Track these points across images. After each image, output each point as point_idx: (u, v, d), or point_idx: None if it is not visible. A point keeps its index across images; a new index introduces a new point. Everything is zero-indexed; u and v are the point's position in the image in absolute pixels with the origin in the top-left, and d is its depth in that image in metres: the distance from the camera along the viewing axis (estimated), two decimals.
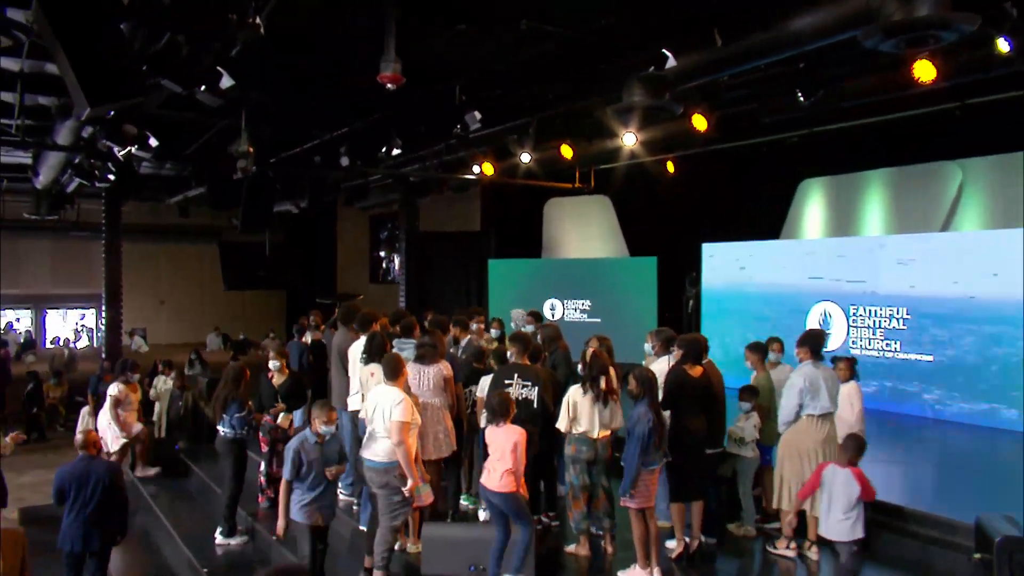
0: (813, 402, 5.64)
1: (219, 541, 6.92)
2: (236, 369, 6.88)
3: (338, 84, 8.47)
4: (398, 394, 5.26)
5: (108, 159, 10.19)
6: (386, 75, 5.38)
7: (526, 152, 10.72)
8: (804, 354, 5.79)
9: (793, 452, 5.68)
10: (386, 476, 5.24)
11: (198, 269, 22.69)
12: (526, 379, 5.84)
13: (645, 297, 13.56)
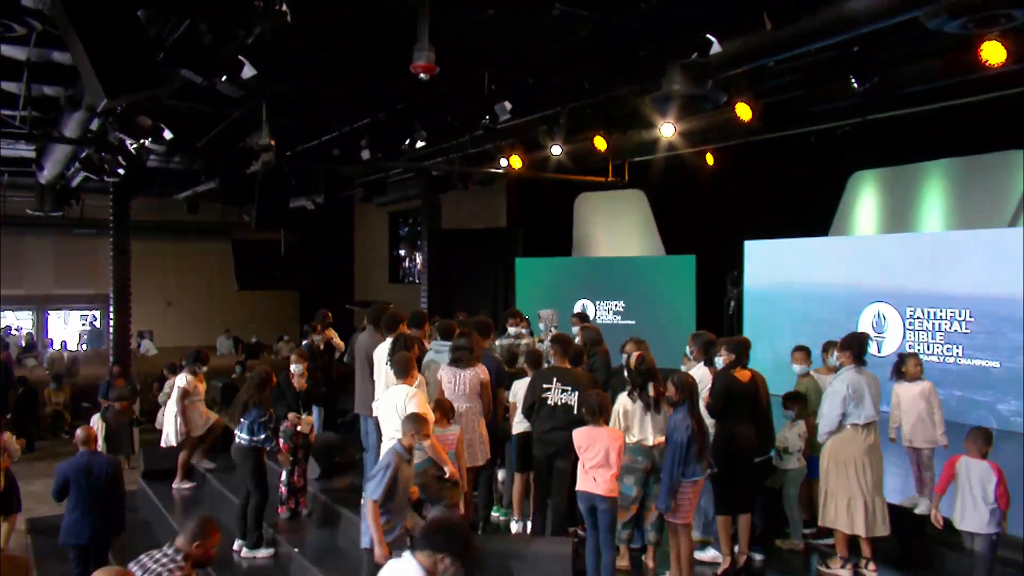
0: (857, 410, 5.63)
1: (244, 554, 7.01)
2: (262, 373, 6.96)
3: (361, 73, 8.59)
4: (408, 389, 5.40)
5: (119, 152, 10.40)
6: (420, 64, 5.46)
7: (557, 144, 10.77)
8: (846, 358, 5.80)
9: (839, 464, 5.68)
10: (419, 478, 5.32)
11: (207, 268, 23.01)
12: (566, 383, 5.89)
13: (683, 298, 13.55)
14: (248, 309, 22.88)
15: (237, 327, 21.83)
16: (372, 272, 21.54)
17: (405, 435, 4.96)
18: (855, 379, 5.68)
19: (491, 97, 8.60)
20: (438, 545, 3.15)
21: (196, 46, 5.59)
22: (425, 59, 5.43)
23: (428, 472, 5.34)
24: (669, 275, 13.79)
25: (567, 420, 5.77)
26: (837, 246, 11.60)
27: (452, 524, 3.45)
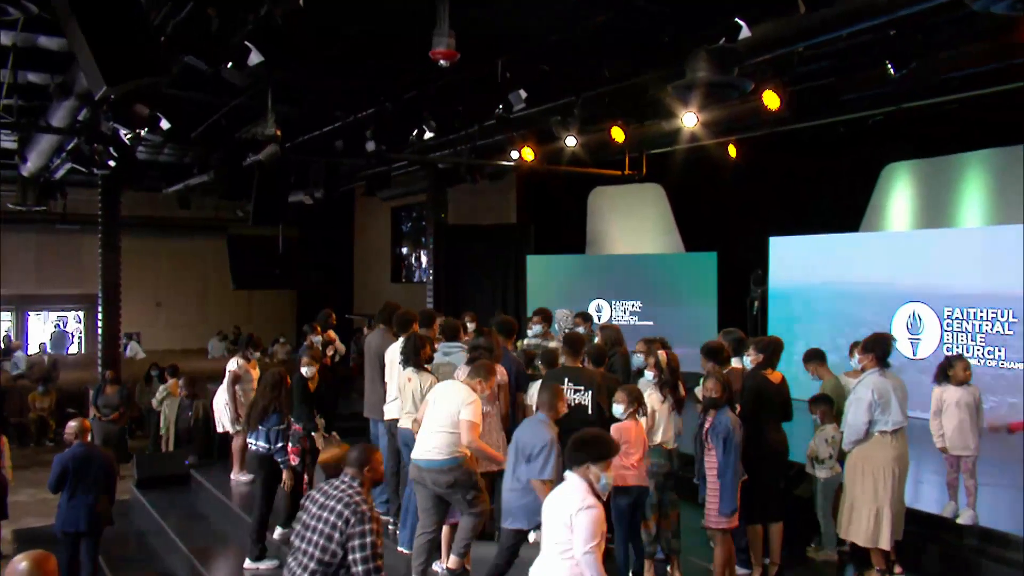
0: (884, 416, 5.67)
1: (247, 565, 7.08)
2: (276, 375, 6.98)
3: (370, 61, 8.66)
4: (470, 393, 5.47)
5: (112, 143, 10.50)
6: (439, 51, 5.53)
7: (571, 135, 10.83)
8: (870, 361, 5.83)
9: (867, 473, 5.72)
10: (451, 474, 5.41)
11: (200, 267, 23.11)
12: (578, 383, 5.96)
13: (703, 297, 13.60)
14: (243, 309, 22.96)
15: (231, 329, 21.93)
16: (373, 271, 21.61)
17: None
18: (880, 383, 5.71)
19: (505, 86, 8.66)
20: (581, 458, 3.84)
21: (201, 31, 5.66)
22: (445, 45, 5.50)
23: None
24: (689, 273, 13.84)
25: (580, 420, 5.82)
26: (869, 243, 11.64)
27: (589, 435, 4.05)
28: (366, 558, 3.81)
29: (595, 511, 3.69)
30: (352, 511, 3.87)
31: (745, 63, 7.23)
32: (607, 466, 3.88)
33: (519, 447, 5.17)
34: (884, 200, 12.31)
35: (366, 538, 3.82)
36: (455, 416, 5.39)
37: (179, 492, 9.89)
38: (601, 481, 3.89)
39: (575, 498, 3.74)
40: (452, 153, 13.09)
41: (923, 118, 9.95)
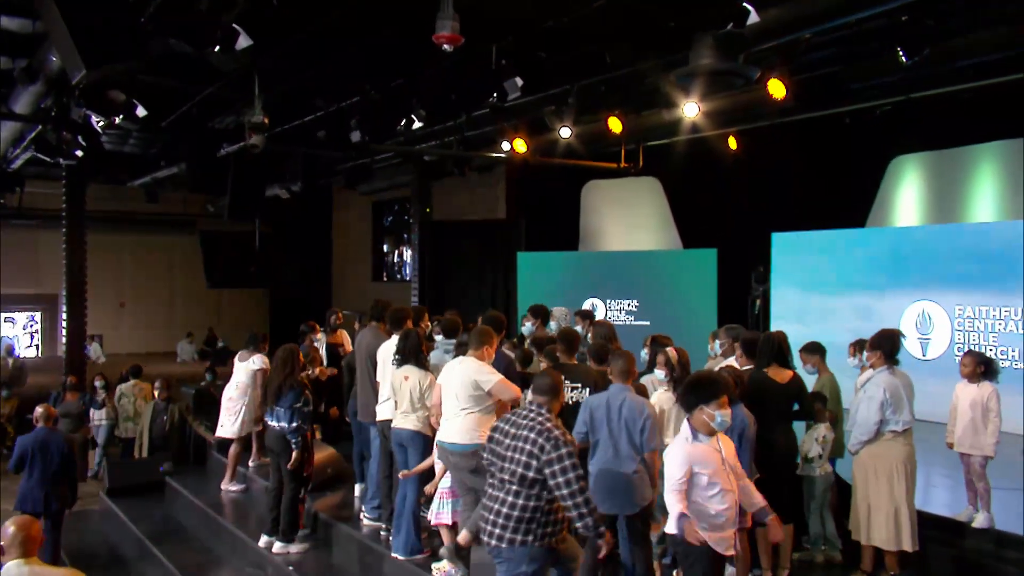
0: (895, 415, 5.79)
1: (277, 548, 7.25)
2: (288, 351, 7.20)
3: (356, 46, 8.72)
4: (480, 364, 5.69)
5: (81, 131, 10.49)
6: (443, 35, 5.61)
7: (566, 126, 10.93)
8: (878, 359, 5.95)
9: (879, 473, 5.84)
10: (475, 459, 5.49)
11: (166, 265, 23.06)
12: (575, 381, 6.08)
13: (703, 296, 13.68)
14: (212, 310, 22.95)
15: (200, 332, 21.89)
16: (353, 268, 21.64)
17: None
18: (891, 382, 5.83)
19: (500, 73, 8.74)
20: (692, 402, 4.41)
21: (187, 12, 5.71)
22: (449, 29, 5.59)
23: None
24: (687, 271, 13.93)
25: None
26: (876, 238, 11.80)
27: (694, 378, 4.64)
28: (568, 481, 4.22)
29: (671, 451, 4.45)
30: (545, 438, 4.28)
31: (752, 50, 7.38)
32: (720, 404, 4.32)
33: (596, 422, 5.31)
34: (892, 194, 12.50)
35: (565, 462, 4.23)
36: (471, 391, 5.58)
37: (154, 500, 9.91)
38: (716, 419, 4.31)
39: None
40: (439, 145, 13.17)
41: (933, 108, 10.11)
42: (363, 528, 7.27)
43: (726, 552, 4.59)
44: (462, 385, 5.64)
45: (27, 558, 4.10)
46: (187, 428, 10.89)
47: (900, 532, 5.77)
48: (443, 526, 6.17)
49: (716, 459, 4.50)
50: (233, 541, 7.96)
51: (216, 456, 10.35)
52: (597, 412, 5.36)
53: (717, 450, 4.52)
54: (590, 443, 5.42)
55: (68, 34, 6.09)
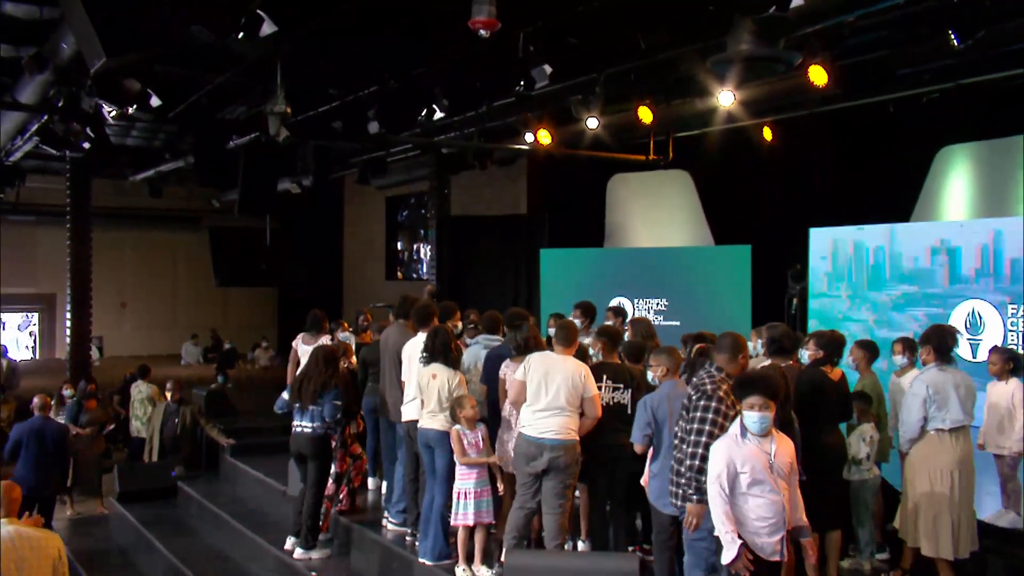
0: (940, 413, 5.84)
1: (298, 555, 7.41)
2: (327, 350, 7.44)
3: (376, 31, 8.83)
4: (581, 366, 5.88)
5: (90, 122, 10.66)
6: (480, 20, 5.72)
7: (593, 116, 11.02)
8: (928, 355, 6.02)
9: (922, 475, 5.90)
10: (568, 455, 5.77)
11: (170, 263, 23.28)
12: (617, 381, 6.17)
13: (736, 295, 13.73)
14: (218, 310, 23.14)
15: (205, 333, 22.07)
16: (365, 266, 21.78)
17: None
18: (937, 378, 5.89)
19: (527, 60, 8.84)
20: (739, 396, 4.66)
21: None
22: (486, 13, 5.69)
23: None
24: (720, 268, 13.98)
25: (622, 421, 6.05)
26: (922, 233, 11.77)
27: (747, 374, 4.95)
28: (700, 431, 4.86)
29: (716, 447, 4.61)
30: (697, 389, 4.97)
31: (793, 35, 7.45)
32: (750, 405, 4.51)
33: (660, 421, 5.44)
34: (939, 186, 12.49)
35: (704, 412, 4.87)
36: (578, 392, 5.81)
37: (165, 506, 10.08)
38: (746, 419, 4.54)
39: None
40: (459, 136, 13.27)
41: (983, 95, 10.10)
42: (387, 533, 7.39)
43: (771, 558, 4.66)
44: (573, 386, 5.81)
45: (8, 518, 4.44)
46: (199, 431, 11.04)
47: (939, 540, 5.80)
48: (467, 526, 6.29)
49: (762, 461, 4.58)
50: (252, 548, 8.10)
51: (229, 460, 10.52)
52: (659, 412, 5.43)
53: (766, 452, 4.60)
54: (653, 444, 5.52)
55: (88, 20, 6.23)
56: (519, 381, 5.95)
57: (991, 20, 7.18)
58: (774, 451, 4.60)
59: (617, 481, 6.15)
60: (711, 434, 4.80)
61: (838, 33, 8.38)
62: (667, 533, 5.47)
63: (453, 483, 6.52)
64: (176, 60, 9.87)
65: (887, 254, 11.83)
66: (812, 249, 12.63)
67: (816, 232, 12.62)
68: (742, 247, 13.84)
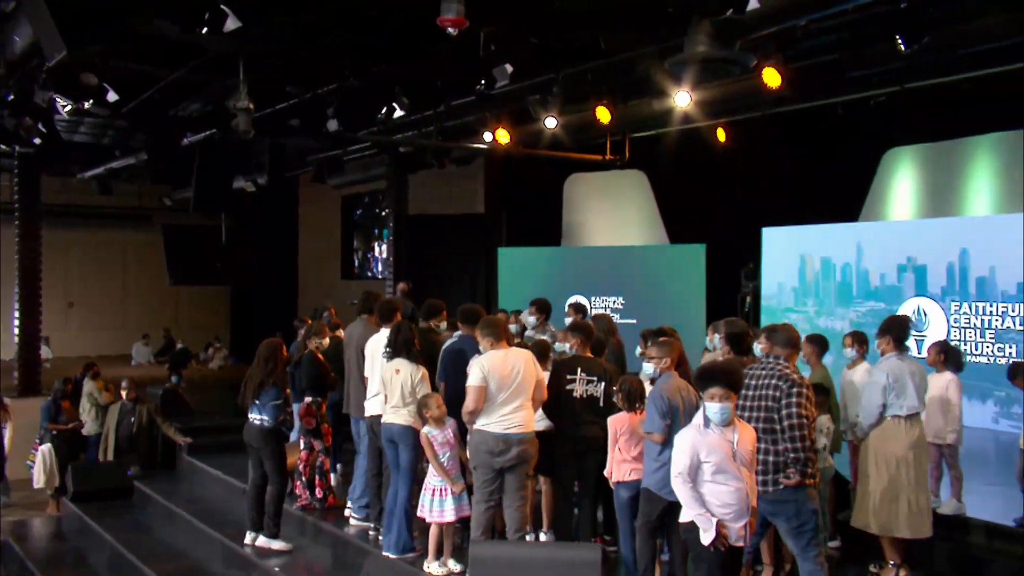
0: (898, 400, 6.07)
1: (260, 543, 7.43)
2: (272, 346, 7.36)
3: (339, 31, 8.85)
4: (528, 353, 6.14)
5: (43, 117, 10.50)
6: (448, 18, 5.79)
7: (551, 116, 11.15)
8: (887, 345, 6.24)
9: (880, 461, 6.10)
10: (532, 446, 5.96)
11: (119, 262, 22.90)
12: (591, 374, 6.30)
13: (691, 293, 13.98)
14: (169, 309, 22.79)
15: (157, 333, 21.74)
16: (321, 266, 21.68)
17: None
18: (896, 366, 6.12)
19: (488, 60, 8.93)
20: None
21: None
22: (455, 12, 5.77)
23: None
24: (675, 267, 14.22)
25: (594, 413, 6.20)
26: (869, 233, 12.12)
27: (706, 366, 5.07)
28: (790, 415, 5.11)
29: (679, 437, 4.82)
30: (784, 380, 5.20)
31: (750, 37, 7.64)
32: (711, 396, 4.67)
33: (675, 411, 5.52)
34: (886, 187, 12.84)
35: (797, 397, 5.12)
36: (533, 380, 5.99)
37: (121, 505, 9.98)
38: (706, 410, 4.69)
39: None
40: (418, 135, 13.31)
41: (928, 99, 10.44)
42: (351, 529, 7.43)
43: (736, 543, 4.82)
44: (528, 375, 6.00)
45: None
46: (155, 430, 10.95)
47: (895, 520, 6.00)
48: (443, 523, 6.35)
49: (726, 449, 4.73)
50: (213, 545, 8.08)
51: (187, 459, 10.46)
52: (674, 402, 5.53)
53: (729, 441, 4.75)
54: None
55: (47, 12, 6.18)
56: (478, 387, 5.98)
57: (936, 26, 7.44)
58: (736, 440, 4.76)
59: (586, 473, 6.28)
60: (808, 416, 5.14)
61: (791, 36, 8.61)
62: (655, 522, 5.58)
63: (416, 477, 6.60)
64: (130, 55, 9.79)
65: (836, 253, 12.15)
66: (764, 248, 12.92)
67: (768, 232, 12.92)
68: (697, 246, 14.10)
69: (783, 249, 12.81)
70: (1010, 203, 11.32)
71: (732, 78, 9.35)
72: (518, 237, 16.02)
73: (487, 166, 16.43)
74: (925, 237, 11.35)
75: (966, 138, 11.77)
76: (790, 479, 5.11)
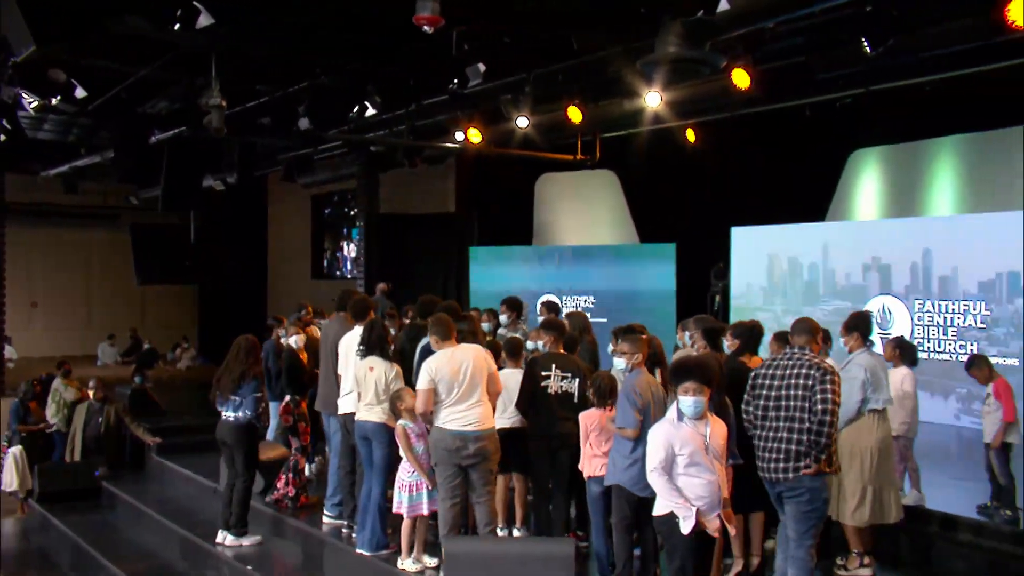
0: (875, 394, 6.23)
1: (229, 542, 7.41)
2: (249, 340, 7.39)
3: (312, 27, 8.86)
4: (479, 348, 6.20)
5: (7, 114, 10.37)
6: (424, 16, 5.83)
7: (523, 115, 11.22)
8: (856, 341, 6.38)
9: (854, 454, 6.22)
10: (492, 442, 6.00)
11: (83, 261, 22.62)
12: (566, 370, 6.38)
13: (661, 292, 14.14)
14: (136, 309, 22.56)
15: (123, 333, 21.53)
16: (290, 265, 21.59)
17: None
18: (870, 361, 6.28)
19: (462, 59, 8.98)
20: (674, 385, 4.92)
21: None
22: (430, 10, 5.81)
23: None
24: (646, 266, 14.36)
25: (569, 409, 6.27)
26: (835, 233, 12.35)
27: (681, 361, 5.20)
28: (824, 400, 5.19)
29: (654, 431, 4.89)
30: (816, 369, 5.29)
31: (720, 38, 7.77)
32: (685, 390, 4.76)
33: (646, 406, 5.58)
34: (851, 188, 13.09)
35: (831, 384, 5.23)
36: (485, 376, 6.06)
37: (89, 506, 9.90)
38: (681, 404, 4.77)
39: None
40: (389, 134, 13.32)
41: (892, 102, 10.66)
42: (324, 527, 7.44)
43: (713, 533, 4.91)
44: (479, 371, 6.05)
45: None
46: (124, 430, 10.87)
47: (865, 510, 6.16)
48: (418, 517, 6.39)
49: (698, 442, 4.82)
50: (184, 545, 8.05)
51: (156, 459, 10.41)
52: (645, 397, 5.60)
53: (701, 434, 4.85)
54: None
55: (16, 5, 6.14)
56: (426, 390, 6.02)
57: (901, 29, 7.61)
58: (709, 433, 4.85)
59: (559, 468, 6.35)
60: (837, 407, 5.27)
61: (760, 38, 8.75)
62: (631, 518, 5.64)
63: (390, 474, 6.63)
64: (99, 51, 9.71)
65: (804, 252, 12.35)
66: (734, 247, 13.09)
67: (737, 231, 13.10)
68: (667, 245, 14.26)
69: (752, 249, 12.99)
70: (972, 204, 11.61)
71: (702, 79, 9.48)
72: (489, 236, 16.09)
73: (459, 165, 16.46)
74: (890, 237, 11.58)
75: (929, 140, 12.03)
76: (811, 467, 5.23)
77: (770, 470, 5.37)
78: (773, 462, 5.34)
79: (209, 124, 8.66)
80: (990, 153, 11.55)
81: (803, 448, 5.25)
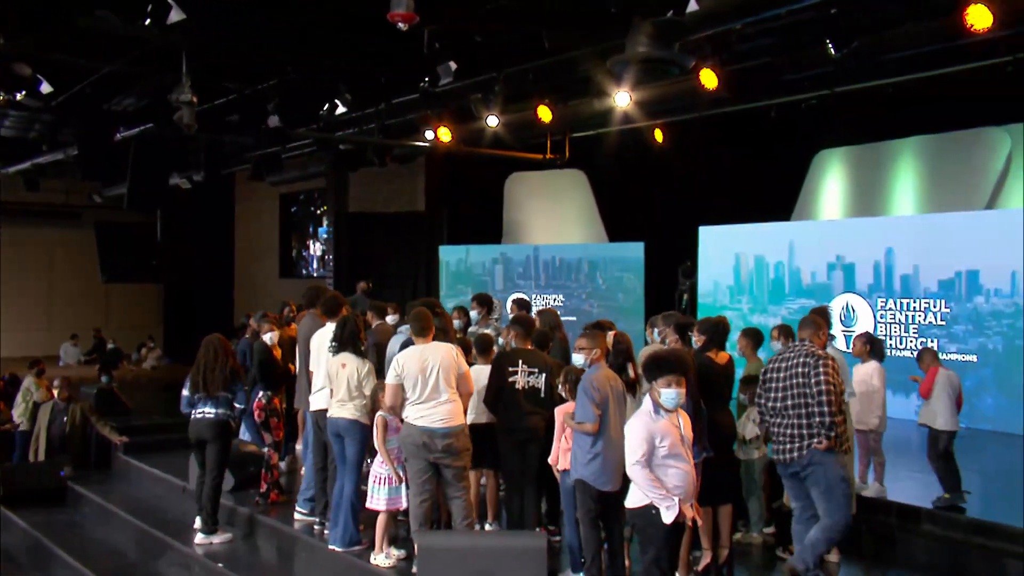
0: (846, 388, 6.35)
1: (199, 540, 7.39)
2: (217, 340, 7.35)
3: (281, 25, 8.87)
4: (450, 347, 6.18)
5: None
6: (398, 13, 5.88)
7: (492, 114, 11.29)
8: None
9: None
10: (460, 440, 6.03)
11: (45, 260, 22.34)
12: (532, 365, 6.43)
13: (630, 291, 14.32)
14: (100, 308, 22.32)
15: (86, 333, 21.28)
16: (258, 264, 21.49)
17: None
18: (838, 355, 6.40)
19: (433, 57, 9.04)
20: (649, 379, 4.99)
21: None
22: (404, 7, 5.86)
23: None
24: (614, 265, 14.53)
25: (535, 403, 6.33)
26: (801, 232, 12.56)
27: (658, 353, 5.20)
28: (819, 382, 5.50)
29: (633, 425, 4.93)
30: (811, 356, 5.61)
31: (689, 38, 7.90)
32: (667, 383, 4.84)
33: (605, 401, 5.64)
34: (816, 188, 13.34)
35: (824, 367, 5.53)
36: (454, 375, 6.08)
37: (54, 507, 9.78)
38: (661, 396, 4.85)
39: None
40: (359, 132, 13.33)
41: (856, 103, 10.89)
42: (296, 524, 7.45)
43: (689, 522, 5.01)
44: (447, 369, 6.07)
45: None
46: (89, 429, 10.77)
47: None
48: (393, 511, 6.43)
49: (675, 433, 4.93)
50: (153, 544, 7.98)
51: (122, 458, 10.33)
52: (604, 391, 5.64)
53: (676, 425, 4.96)
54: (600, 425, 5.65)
55: None
56: (393, 385, 6.10)
57: (864, 32, 7.80)
58: (681, 424, 4.96)
59: (528, 462, 6.42)
60: (835, 384, 5.53)
61: (728, 39, 8.91)
62: (596, 511, 5.69)
63: (362, 470, 6.66)
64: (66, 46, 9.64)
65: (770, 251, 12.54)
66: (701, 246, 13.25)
67: (705, 230, 13.27)
68: (635, 244, 14.43)
69: (719, 247, 13.17)
70: (932, 203, 11.88)
71: (671, 79, 9.65)
72: (459, 235, 16.16)
73: (428, 164, 16.52)
74: (853, 236, 11.81)
75: (892, 140, 12.29)
76: (820, 444, 5.48)
77: (784, 451, 5.65)
78: (787, 444, 5.63)
79: (180, 120, 8.61)
80: (951, 154, 11.85)
81: (812, 431, 5.53)
